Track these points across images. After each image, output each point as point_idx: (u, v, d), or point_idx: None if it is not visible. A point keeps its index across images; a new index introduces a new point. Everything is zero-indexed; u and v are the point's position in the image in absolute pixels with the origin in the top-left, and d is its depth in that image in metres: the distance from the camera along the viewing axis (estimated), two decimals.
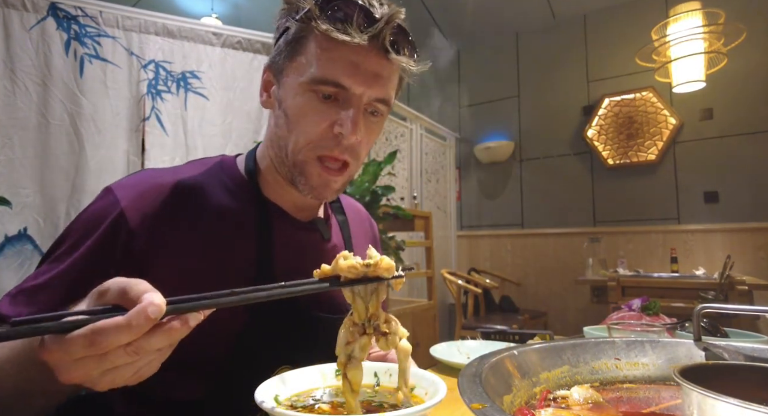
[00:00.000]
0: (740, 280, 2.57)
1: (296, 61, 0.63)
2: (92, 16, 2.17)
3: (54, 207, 2.05)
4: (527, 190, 4.36)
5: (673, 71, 3.05)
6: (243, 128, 2.54)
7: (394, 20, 0.60)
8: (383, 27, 0.59)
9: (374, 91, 0.62)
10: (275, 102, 0.67)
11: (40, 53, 2.05)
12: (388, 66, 0.63)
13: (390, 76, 0.64)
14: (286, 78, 0.64)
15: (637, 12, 3.85)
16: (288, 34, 0.64)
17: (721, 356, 0.51)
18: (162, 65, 2.33)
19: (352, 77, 0.60)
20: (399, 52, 0.62)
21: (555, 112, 4.21)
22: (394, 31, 0.61)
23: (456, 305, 3.48)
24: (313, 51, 0.61)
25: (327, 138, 0.63)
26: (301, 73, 0.62)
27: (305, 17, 0.60)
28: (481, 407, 0.35)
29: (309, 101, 0.62)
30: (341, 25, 0.58)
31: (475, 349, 0.99)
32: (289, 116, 0.64)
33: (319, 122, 0.62)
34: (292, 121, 0.64)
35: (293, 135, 0.64)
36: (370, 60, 0.61)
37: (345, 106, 0.62)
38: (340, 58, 0.60)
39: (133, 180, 0.66)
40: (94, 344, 0.34)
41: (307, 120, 0.62)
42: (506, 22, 4.36)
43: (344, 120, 0.61)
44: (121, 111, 2.22)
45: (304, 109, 0.62)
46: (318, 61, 0.60)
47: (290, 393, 0.51)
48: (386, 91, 0.64)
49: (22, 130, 2.00)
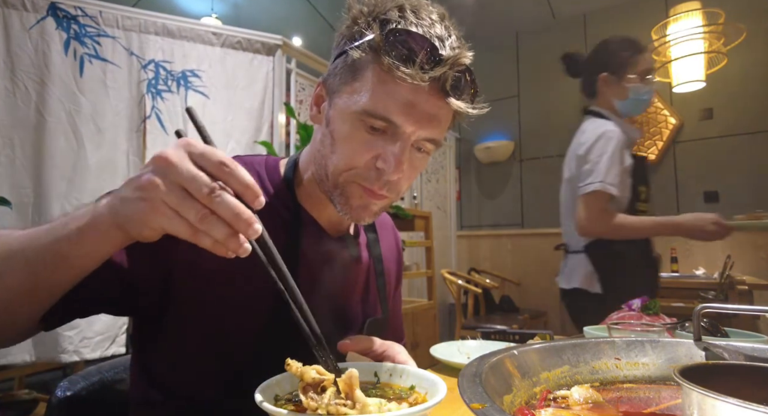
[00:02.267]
0: (740, 280, 2.57)
1: (351, 86, 0.61)
2: (92, 15, 2.17)
3: (53, 206, 2.05)
4: (527, 190, 4.36)
5: (673, 71, 3.05)
6: (244, 126, 2.54)
7: (460, 63, 0.57)
8: (447, 70, 0.56)
9: (425, 131, 0.60)
10: (324, 119, 0.65)
11: (39, 53, 2.06)
12: (445, 108, 0.60)
13: (444, 117, 0.61)
14: (338, 100, 0.62)
15: (637, 12, 3.84)
16: (347, 58, 0.61)
17: (721, 356, 0.51)
18: (162, 65, 2.33)
19: (404, 116, 0.58)
20: (459, 96, 0.59)
21: (555, 112, 4.21)
22: (458, 74, 0.58)
23: (456, 305, 3.48)
24: (370, 81, 0.59)
25: (368, 170, 0.61)
26: (354, 100, 0.60)
27: (367, 46, 0.58)
28: (481, 407, 0.35)
29: (357, 130, 0.60)
30: (404, 62, 0.56)
31: (475, 349, 0.99)
32: (335, 139, 0.62)
33: (363, 153, 0.60)
34: (336, 145, 0.62)
35: (335, 157, 0.62)
36: (427, 100, 0.58)
37: (392, 140, 0.60)
38: (395, 94, 0.57)
39: None
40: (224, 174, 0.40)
41: (352, 148, 0.61)
42: (506, 22, 4.36)
43: (388, 156, 0.59)
44: (121, 110, 2.22)
45: (350, 137, 0.61)
46: (373, 93, 0.58)
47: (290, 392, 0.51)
48: (438, 132, 0.62)
49: (21, 129, 2.00)
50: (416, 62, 0.55)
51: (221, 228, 0.40)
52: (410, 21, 0.58)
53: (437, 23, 0.59)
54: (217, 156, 0.40)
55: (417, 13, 0.59)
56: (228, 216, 0.39)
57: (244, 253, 0.41)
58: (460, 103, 0.59)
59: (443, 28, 0.59)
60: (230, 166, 0.40)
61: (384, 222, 0.90)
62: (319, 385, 0.44)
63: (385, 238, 0.87)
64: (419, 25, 0.58)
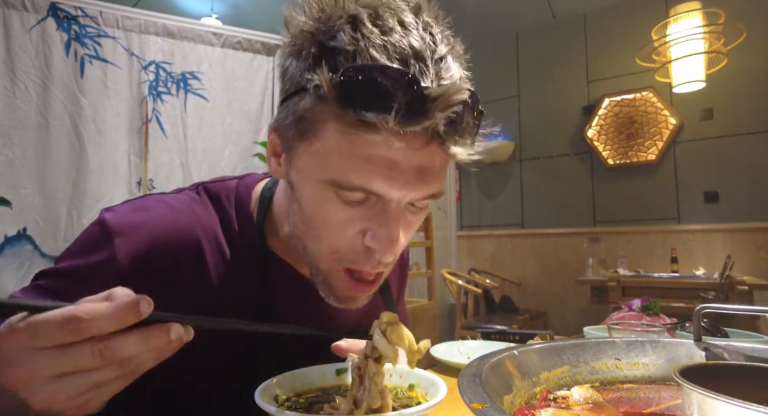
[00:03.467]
0: (740, 280, 2.57)
1: (309, 145, 0.46)
2: (92, 16, 2.17)
3: (54, 207, 2.05)
4: (527, 190, 4.36)
5: (673, 71, 3.05)
6: (243, 129, 2.54)
7: (454, 103, 0.41)
8: (437, 113, 0.40)
9: (417, 192, 0.46)
10: (286, 177, 0.52)
11: (40, 53, 2.06)
12: (439, 154, 0.45)
13: (440, 166, 0.47)
14: (297, 161, 0.48)
15: (637, 12, 3.84)
16: (297, 105, 0.45)
17: (722, 356, 0.51)
18: (162, 66, 2.33)
19: (387, 182, 0.43)
20: (458, 141, 0.44)
21: (555, 112, 4.21)
22: (455, 116, 0.42)
23: (456, 305, 3.48)
24: (333, 141, 0.43)
25: (356, 250, 0.48)
26: (318, 165, 0.45)
27: (318, 93, 0.42)
28: (481, 407, 0.35)
29: (330, 204, 0.46)
30: (373, 111, 0.40)
31: (475, 349, 0.99)
32: (306, 215, 0.49)
33: (345, 230, 0.47)
34: (309, 223, 0.49)
35: (311, 237, 0.50)
36: (414, 154, 0.43)
37: (378, 210, 0.46)
38: (369, 156, 0.42)
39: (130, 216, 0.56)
40: (71, 324, 0.30)
41: (329, 228, 0.48)
42: (506, 22, 4.36)
43: (378, 233, 0.46)
44: (121, 111, 2.22)
45: (324, 213, 0.47)
46: (340, 159, 0.43)
47: (290, 392, 0.51)
48: (435, 186, 0.47)
49: (22, 130, 2.00)
50: (391, 110, 0.39)
51: (148, 358, 0.34)
52: (372, 42, 0.41)
53: (413, 30, 0.43)
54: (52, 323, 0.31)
55: (379, 22, 0.42)
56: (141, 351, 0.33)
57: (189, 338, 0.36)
58: (460, 148, 0.44)
59: (422, 36, 0.43)
60: (79, 321, 0.31)
61: None
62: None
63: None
64: (386, 44, 0.41)
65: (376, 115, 0.39)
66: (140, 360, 0.34)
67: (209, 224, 0.58)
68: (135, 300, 0.32)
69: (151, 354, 0.34)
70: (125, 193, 2.19)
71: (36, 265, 1.98)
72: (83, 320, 0.31)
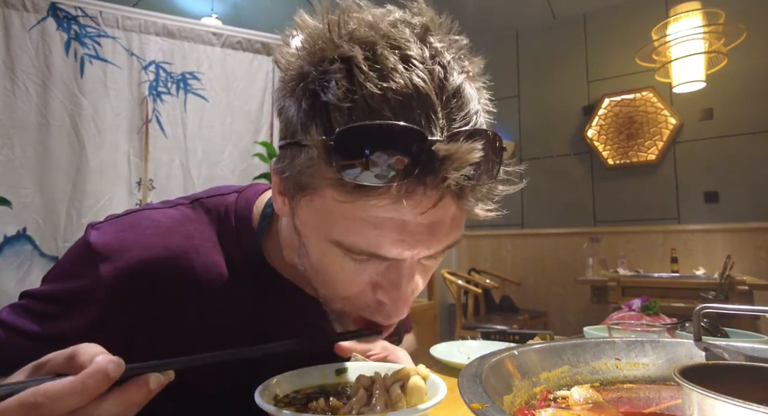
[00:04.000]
0: (740, 280, 2.58)
1: (310, 201, 0.42)
2: (92, 16, 2.17)
3: (54, 207, 2.05)
4: (527, 190, 4.36)
5: (673, 71, 3.05)
6: (243, 129, 2.54)
7: (469, 162, 0.35)
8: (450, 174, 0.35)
9: (433, 249, 0.41)
10: (291, 219, 0.47)
11: (40, 53, 2.06)
12: (452, 208, 0.40)
13: (457, 217, 0.42)
14: (301, 213, 0.44)
15: (637, 12, 3.84)
16: (294, 159, 0.41)
17: (722, 356, 0.51)
18: (162, 66, 2.33)
19: (398, 245, 0.39)
20: (475, 198, 0.40)
21: (555, 112, 4.21)
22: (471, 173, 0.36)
23: (456, 305, 3.48)
24: (333, 204, 0.39)
25: (367, 300, 0.45)
26: (320, 224, 0.42)
27: (313, 153, 0.38)
28: (481, 407, 0.35)
29: (337, 259, 0.42)
30: (372, 179, 0.35)
31: (475, 349, 0.99)
32: (313, 262, 0.46)
33: (354, 285, 0.44)
34: (317, 270, 0.46)
35: (320, 283, 0.48)
36: (424, 214, 0.38)
37: (389, 266, 0.42)
38: (375, 220, 0.38)
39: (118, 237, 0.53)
40: (37, 409, 0.29)
41: (339, 279, 0.45)
42: (506, 22, 4.36)
43: (388, 289, 0.43)
44: (121, 112, 2.22)
45: (331, 267, 0.44)
46: (342, 222, 0.39)
47: (289, 391, 0.51)
48: (452, 238, 0.42)
49: (22, 130, 2.00)
50: (395, 175, 0.34)
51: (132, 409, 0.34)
52: (369, 91, 0.35)
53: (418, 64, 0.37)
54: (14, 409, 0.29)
55: (377, 65, 0.36)
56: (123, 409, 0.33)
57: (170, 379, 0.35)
58: (477, 207, 0.41)
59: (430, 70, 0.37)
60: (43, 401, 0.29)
61: None
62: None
63: None
64: (386, 93, 0.35)
65: (377, 181, 0.35)
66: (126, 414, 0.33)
67: (202, 243, 0.55)
68: (102, 367, 0.30)
69: (133, 409, 0.33)
70: (125, 193, 2.19)
71: (36, 265, 1.98)
72: (43, 406, 0.29)
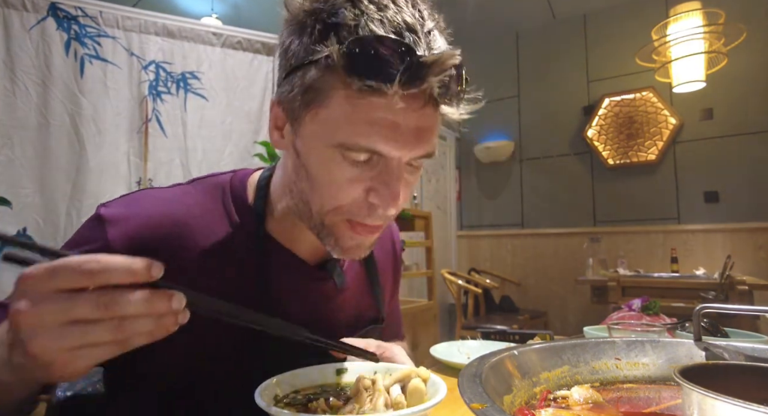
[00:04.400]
0: (740, 280, 2.57)
1: (316, 113, 0.50)
2: (92, 16, 2.17)
3: (54, 207, 2.05)
4: (527, 190, 4.36)
5: (673, 71, 3.05)
6: (243, 129, 2.54)
7: (447, 67, 0.46)
8: (432, 78, 0.46)
9: (416, 151, 0.51)
10: (291, 147, 0.55)
11: (40, 53, 2.05)
12: (432, 116, 0.51)
13: (434, 126, 0.52)
14: (304, 130, 0.52)
15: (637, 12, 3.85)
16: (303, 77, 0.49)
17: (722, 356, 0.51)
18: (162, 66, 2.33)
19: (390, 142, 0.48)
20: (450, 101, 0.51)
21: (555, 112, 4.21)
22: (446, 79, 0.47)
23: (456, 305, 3.48)
24: (340, 108, 0.48)
25: (360, 206, 0.53)
26: (326, 131, 0.50)
27: (325, 64, 0.47)
28: (481, 407, 0.35)
29: (337, 164, 0.50)
30: (377, 80, 0.45)
31: (475, 349, 0.98)
32: (312, 175, 0.53)
33: (350, 190, 0.52)
34: (315, 182, 0.53)
35: (317, 197, 0.54)
36: (412, 116, 0.48)
37: (381, 169, 0.51)
38: (374, 118, 0.47)
39: (125, 208, 0.59)
40: (87, 264, 0.33)
41: (335, 187, 0.52)
42: (506, 22, 4.36)
43: (380, 190, 0.51)
44: (121, 111, 2.22)
45: (330, 175, 0.51)
46: (347, 123, 0.48)
47: (288, 391, 0.51)
48: (429, 145, 0.52)
49: (22, 130, 2.00)
50: (394, 76, 0.44)
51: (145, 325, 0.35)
52: (370, 17, 0.46)
53: (404, 6, 0.48)
54: (72, 265, 0.33)
55: (375, 0, 0.47)
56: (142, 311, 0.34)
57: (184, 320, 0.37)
58: (452, 108, 0.51)
59: (412, 12, 0.48)
60: (97, 263, 0.33)
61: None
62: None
63: (380, 243, 0.78)
64: (383, 19, 0.46)
65: (379, 81, 0.45)
66: (137, 325, 0.35)
67: (203, 214, 0.61)
68: (148, 261, 0.34)
69: (148, 321, 0.35)
70: (125, 193, 2.19)
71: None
72: (99, 262, 0.33)
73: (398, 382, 0.48)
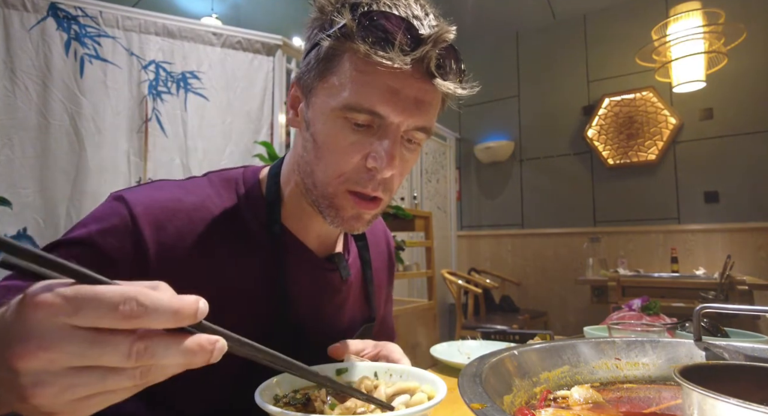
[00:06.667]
0: (740, 280, 2.57)
1: (328, 81, 0.56)
2: (92, 16, 2.17)
3: (54, 207, 2.05)
4: (527, 190, 4.36)
5: (673, 71, 3.05)
6: (243, 129, 2.54)
7: (443, 41, 0.53)
8: (429, 49, 0.52)
9: (414, 119, 0.55)
10: (303, 123, 0.60)
11: (40, 53, 2.05)
12: (431, 91, 0.56)
13: (432, 101, 0.57)
14: (316, 98, 0.58)
15: (637, 12, 3.85)
16: (320, 50, 0.56)
17: (722, 356, 0.51)
18: (162, 66, 2.33)
19: (390, 105, 0.53)
20: (445, 76, 0.55)
21: (555, 112, 4.21)
22: (442, 53, 0.54)
23: (456, 305, 3.48)
24: (348, 73, 0.54)
25: (359, 172, 0.57)
26: (333, 96, 0.55)
27: (340, 34, 0.53)
28: (481, 407, 0.35)
29: (341, 129, 0.55)
30: (381, 46, 0.51)
31: (475, 349, 0.99)
32: (318, 143, 0.57)
33: (352, 155, 0.56)
34: (321, 149, 0.57)
35: (322, 164, 0.58)
36: (411, 85, 0.54)
37: (380, 135, 0.55)
38: (376, 82, 0.53)
39: (145, 191, 0.60)
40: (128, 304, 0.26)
41: (338, 150, 0.56)
42: (506, 22, 4.36)
43: (379, 152, 0.55)
44: (121, 111, 2.22)
45: (335, 138, 0.56)
46: (352, 85, 0.53)
47: (288, 391, 0.51)
48: (427, 118, 0.57)
49: (22, 130, 2.00)
50: (395, 44, 0.51)
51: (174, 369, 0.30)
52: (383, 2, 0.54)
53: (412, 3, 0.55)
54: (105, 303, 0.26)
55: None
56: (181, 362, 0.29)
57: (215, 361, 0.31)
58: (448, 83, 0.55)
59: (419, 7, 0.55)
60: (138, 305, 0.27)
61: (374, 226, 0.86)
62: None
63: (375, 244, 0.83)
64: (393, 5, 0.54)
65: (382, 49, 0.51)
66: (166, 371, 0.29)
67: (221, 204, 0.63)
68: (196, 300, 0.29)
69: (179, 367, 0.30)
70: None
71: None
72: (143, 305, 0.27)
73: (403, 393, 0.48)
